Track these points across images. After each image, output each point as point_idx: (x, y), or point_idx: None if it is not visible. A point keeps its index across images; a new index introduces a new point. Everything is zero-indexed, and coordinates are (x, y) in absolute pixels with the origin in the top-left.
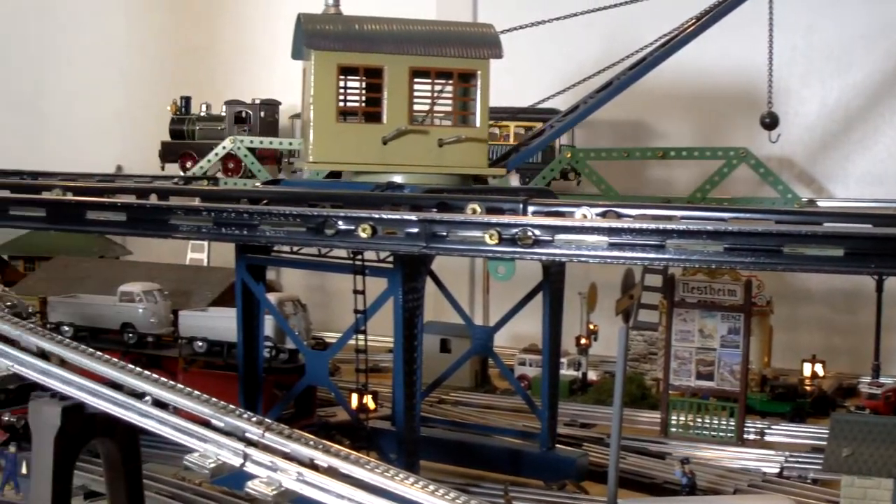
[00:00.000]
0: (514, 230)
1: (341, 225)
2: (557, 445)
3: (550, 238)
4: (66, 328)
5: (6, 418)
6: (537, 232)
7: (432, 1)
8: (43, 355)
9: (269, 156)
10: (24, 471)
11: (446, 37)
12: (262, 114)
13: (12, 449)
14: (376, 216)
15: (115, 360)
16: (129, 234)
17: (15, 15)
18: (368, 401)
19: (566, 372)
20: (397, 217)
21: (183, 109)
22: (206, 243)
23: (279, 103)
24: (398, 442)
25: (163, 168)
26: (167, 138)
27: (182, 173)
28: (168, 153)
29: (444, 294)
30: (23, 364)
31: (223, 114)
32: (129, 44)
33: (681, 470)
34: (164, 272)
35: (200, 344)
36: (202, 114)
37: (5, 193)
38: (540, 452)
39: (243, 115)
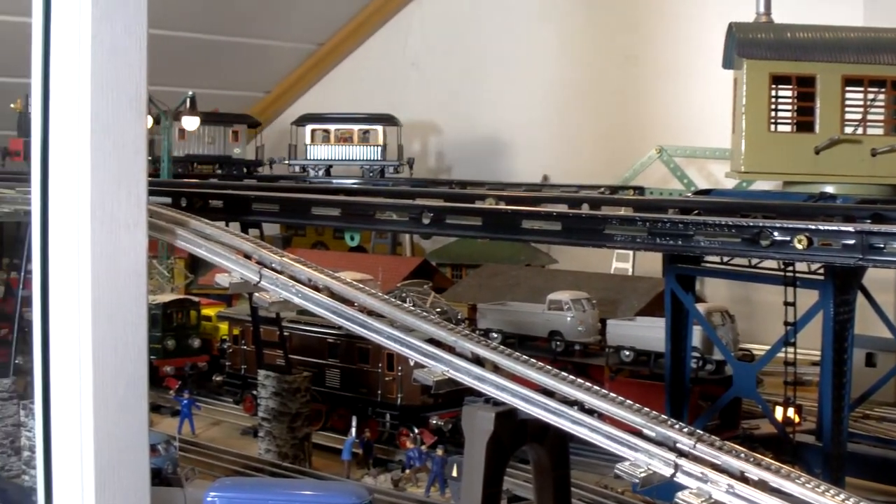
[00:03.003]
0: None
1: (777, 236)
2: None
3: None
4: (495, 335)
5: (434, 422)
6: None
7: (859, 7)
8: (478, 361)
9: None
10: (454, 473)
11: (880, 44)
12: None
13: (440, 452)
14: (812, 227)
15: (548, 367)
16: (564, 244)
17: (448, 29)
18: (794, 414)
19: None
20: (834, 228)
21: (29, 107)
22: (630, 252)
23: None
24: (824, 457)
25: (3, 165)
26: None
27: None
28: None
29: (874, 307)
30: (458, 369)
31: None
32: (555, 55)
33: None
34: (591, 281)
35: (627, 353)
36: None
37: (439, 202)
38: None
39: None
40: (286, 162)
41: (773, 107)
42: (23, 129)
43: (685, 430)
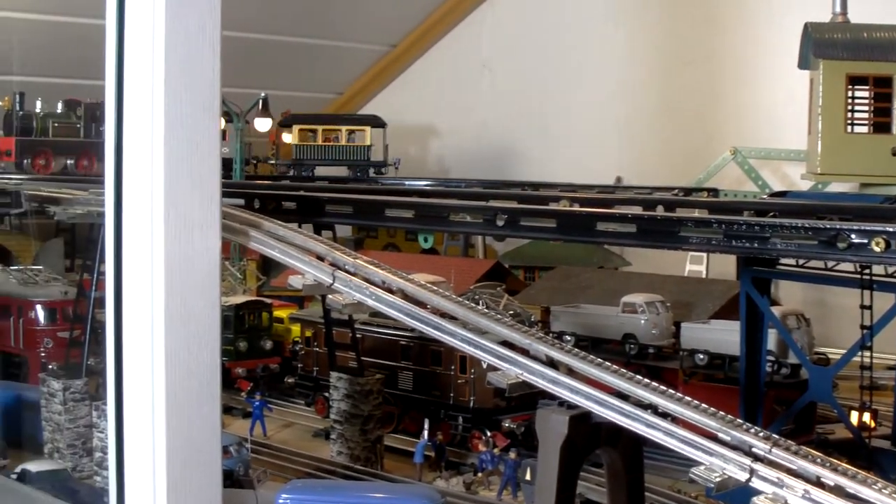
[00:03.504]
0: None
1: (854, 238)
2: None
3: None
4: (568, 337)
5: (507, 425)
6: None
7: None
8: (552, 364)
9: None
10: (527, 477)
11: None
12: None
13: (512, 455)
14: (890, 229)
15: (622, 370)
16: (638, 246)
17: (520, 30)
18: (869, 419)
19: None
20: None
21: (18, 105)
22: (704, 255)
23: None
24: None
25: None
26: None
27: (37, 173)
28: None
29: None
30: (532, 372)
31: (58, 110)
32: (628, 56)
33: None
34: (665, 284)
35: (702, 356)
36: (40, 110)
37: (513, 204)
38: None
39: (98, 114)
40: (271, 162)
41: (849, 108)
42: (8, 127)
43: (761, 434)
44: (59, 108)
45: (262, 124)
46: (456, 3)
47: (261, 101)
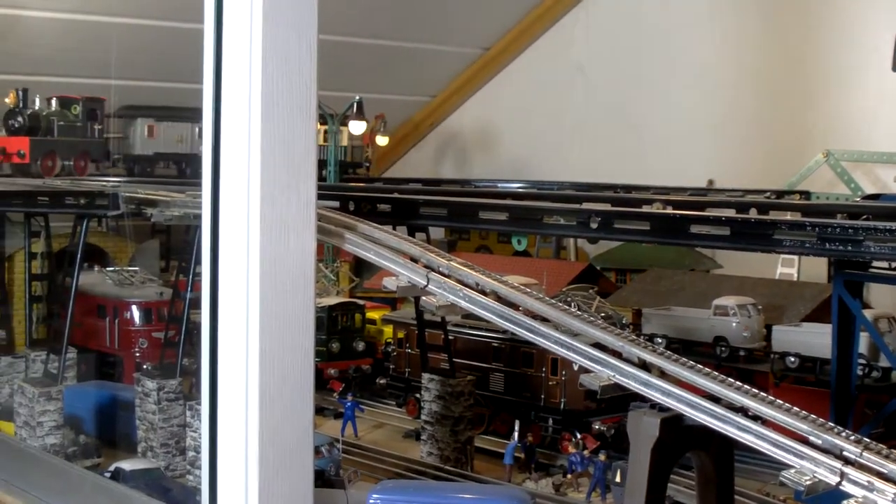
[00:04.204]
0: None
1: None
2: None
3: None
4: (660, 340)
5: (597, 427)
6: None
7: None
8: (644, 366)
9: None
10: (617, 479)
11: None
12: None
13: (602, 457)
14: None
15: (714, 373)
16: (732, 249)
17: (614, 32)
18: None
19: None
20: None
21: (22, 103)
22: (796, 258)
23: (104, 100)
24: None
25: None
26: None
27: (43, 176)
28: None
29: None
30: (624, 375)
31: (52, 108)
32: (722, 59)
33: None
34: (757, 286)
35: (793, 359)
36: (40, 108)
37: (606, 206)
38: None
39: (97, 112)
40: (366, 165)
41: None
42: (12, 126)
43: (852, 437)
44: (54, 105)
45: (357, 127)
46: (549, 6)
47: (355, 104)
